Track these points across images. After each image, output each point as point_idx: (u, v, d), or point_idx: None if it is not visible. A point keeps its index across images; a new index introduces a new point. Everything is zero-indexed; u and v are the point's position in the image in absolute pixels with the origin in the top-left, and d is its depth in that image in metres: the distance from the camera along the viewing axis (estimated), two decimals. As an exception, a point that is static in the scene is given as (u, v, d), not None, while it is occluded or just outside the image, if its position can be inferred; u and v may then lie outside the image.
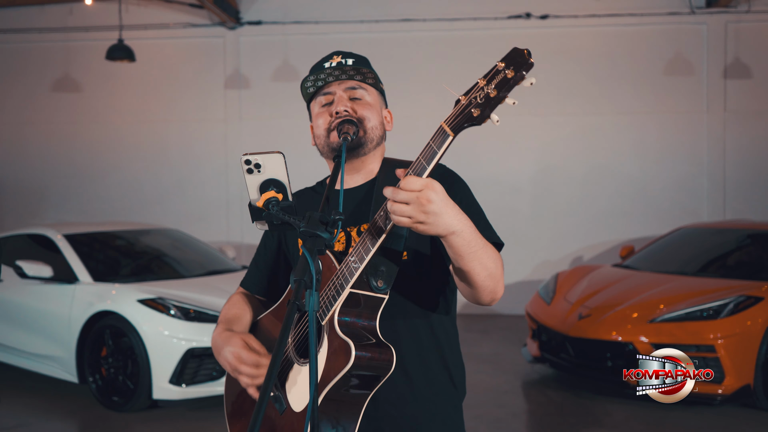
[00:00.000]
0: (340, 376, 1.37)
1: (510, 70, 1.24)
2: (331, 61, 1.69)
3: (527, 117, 8.70)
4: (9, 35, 9.38)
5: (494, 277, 1.43)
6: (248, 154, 1.32)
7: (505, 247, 6.79)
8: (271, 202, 1.31)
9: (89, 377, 5.03)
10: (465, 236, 1.34)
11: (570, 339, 5.15)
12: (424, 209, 1.28)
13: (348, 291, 1.40)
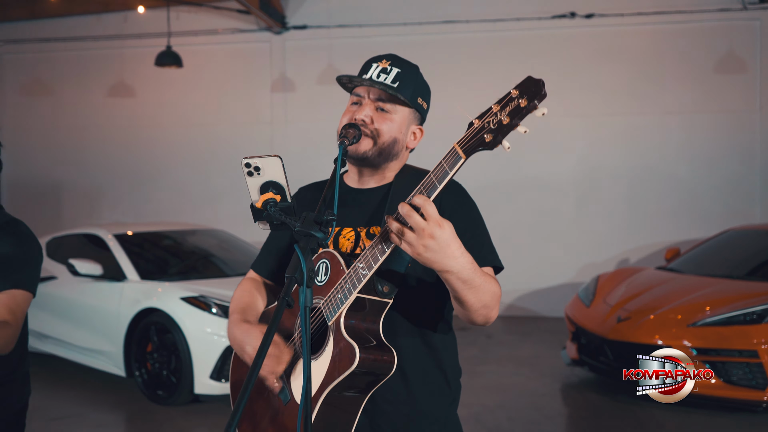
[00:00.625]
0: (343, 377, 1.44)
1: (524, 99, 1.28)
2: (380, 64, 1.70)
3: (571, 118, 8.62)
4: (68, 43, 9.81)
5: (488, 307, 1.49)
6: (248, 157, 1.40)
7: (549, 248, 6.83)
8: (270, 203, 1.38)
9: (136, 371, 5.24)
10: (462, 276, 1.39)
11: (608, 342, 5.09)
12: (424, 243, 1.33)
13: (355, 295, 1.47)
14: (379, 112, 1.66)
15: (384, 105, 1.65)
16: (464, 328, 7.93)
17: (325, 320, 1.51)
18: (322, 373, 1.48)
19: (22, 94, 10.18)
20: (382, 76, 1.64)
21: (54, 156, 10.09)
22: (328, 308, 1.51)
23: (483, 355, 6.69)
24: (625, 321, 5.09)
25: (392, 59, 1.69)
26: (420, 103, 1.71)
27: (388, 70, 1.66)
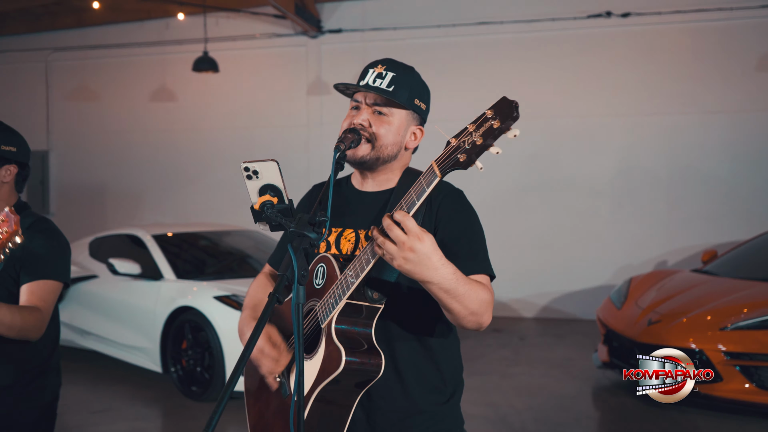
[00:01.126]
0: (330, 379, 1.50)
1: (497, 120, 1.31)
2: (375, 69, 1.73)
3: (608, 118, 8.52)
4: (112, 50, 10.13)
5: (476, 314, 1.51)
6: (246, 162, 1.47)
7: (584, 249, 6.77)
8: (267, 204, 1.45)
9: (171, 368, 5.40)
10: (443, 286, 1.43)
11: (639, 345, 5.03)
12: (405, 255, 1.37)
13: (344, 302, 1.52)
14: (377, 116, 1.70)
15: (381, 109, 1.70)
16: (498, 330, 7.93)
17: (318, 323, 1.58)
18: (314, 372, 1.54)
19: (69, 100, 10.56)
20: (378, 81, 1.69)
21: (99, 159, 10.43)
22: (322, 311, 1.57)
23: (515, 356, 6.67)
24: (657, 324, 5.03)
25: (387, 63, 1.73)
26: (417, 105, 1.75)
27: (384, 75, 1.69)
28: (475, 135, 1.31)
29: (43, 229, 2.17)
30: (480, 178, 8.88)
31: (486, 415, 4.92)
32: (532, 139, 8.77)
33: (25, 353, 2.16)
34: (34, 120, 10.61)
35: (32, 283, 2.09)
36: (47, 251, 2.13)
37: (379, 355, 1.56)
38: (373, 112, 1.70)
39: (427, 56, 9.08)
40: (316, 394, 1.52)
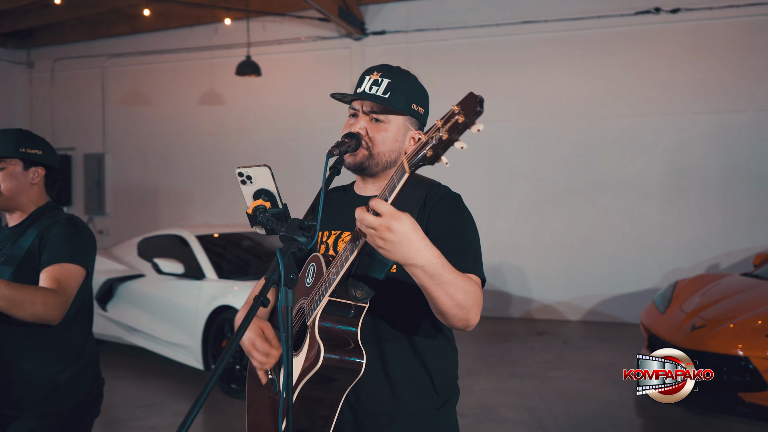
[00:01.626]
0: (310, 375, 1.51)
1: (461, 115, 1.28)
2: (371, 77, 1.73)
3: (657, 116, 8.30)
4: (163, 55, 10.44)
5: (463, 308, 1.47)
6: (240, 167, 1.50)
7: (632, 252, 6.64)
8: (259, 209, 1.48)
9: (212, 365, 5.53)
10: (428, 270, 1.39)
11: (681, 351, 4.88)
12: (382, 236, 1.34)
13: (327, 299, 1.53)
14: (374, 123, 1.71)
15: (377, 116, 1.70)
16: (541, 332, 7.82)
17: (304, 320, 1.60)
18: (299, 369, 1.56)
19: (123, 104, 10.92)
20: (374, 89, 1.69)
21: (151, 161, 10.76)
22: (309, 309, 1.59)
23: (556, 360, 6.57)
24: (700, 329, 4.87)
25: (383, 70, 1.73)
26: (415, 109, 1.73)
27: (380, 82, 1.69)
28: (441, 131, 1.29)
29: (61, 220, 2.24)
30: (524, 178, 8.79)
31: (522, 419, 4.86)
32: (577, 139, 8.62)
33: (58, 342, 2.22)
34: (91, 124, 11.03)
35: (47, 268, 2.12)
36: (63, 237, 2.18)
37: (361, 354, 1.56)
38: (370, 119, 1.71)
39: (471, 57, 9.03)
40: (299, 391, 1.54)
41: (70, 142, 11.17)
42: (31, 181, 2.29)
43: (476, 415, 4.97)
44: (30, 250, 2.17)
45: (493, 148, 8.95)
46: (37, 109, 11.41)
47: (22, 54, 11.34)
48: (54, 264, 2.11)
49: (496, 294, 8.94)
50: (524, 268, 8.84)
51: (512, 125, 8.88)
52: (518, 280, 8.87)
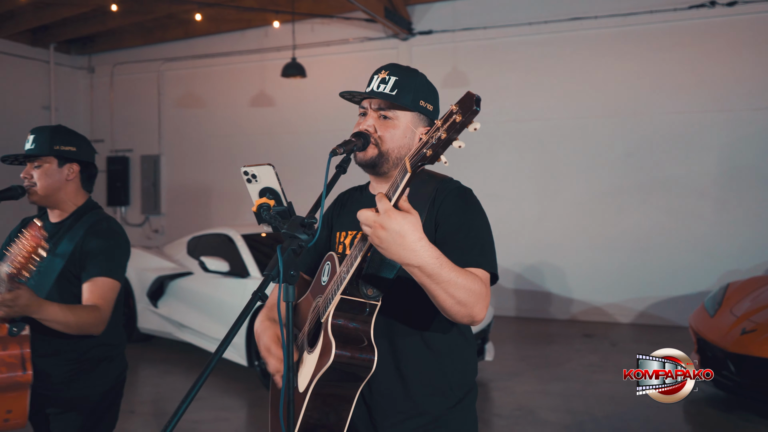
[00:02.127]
0: (322, 372, 1.53)
1: (459, 114, 1.29)
2: (379, 76, 1.77)
3: (712, 113, 8.02)
4: (216, 58, 10.69)
5: (465, 305, 1.47)
6: (245, 166, 1.54)
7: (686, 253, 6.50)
8: (263, 207, 1.51)
9: (255, 361, 5.65)
10: (425, 270, 1.40)
11: (731, 355, 4.73)
12: (377, 234, 1.37)
13: (339, 297, 1.55)
14: (382, 120, 1.73)
15: (386, 113, 1.72)
16: (589, 335, 7.67)
17: (318, 318, 1.63)
18: (313, 365, 1.59)
19: (177, 107, 11.24)
20: (382, 87, 1.71)
21: (204, 162, 11.03)
22: (323, 307, 1.62)
23: (602, 362, 6.43)
24: (751, 333, 4.70)
25: (390, 69, 1.75)
26: (423, 106, 1.74)
27: (387, 80, 1.72)
28: (441, 130, 1.30)
29: (101, 230, 2.35)
30: (574, 177, 8.64)
31: (563, 422, 4.79)
32: (628, 137, 8.42)
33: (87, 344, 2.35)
34: (148, 126, 11.39)
35: (90, 281, 2.26)
36: (104, 251, 2.30)
37: (372, 351, 1.57)
38: (378, 117, 1.73)
39: (519, 55, 8.93)
40: (313, 387, 1.56)
41: (128, 144, 11.57)
42: (66, 177, 2.40)
43: (516, 417, 4.92)
44: (72, 256, 2.28)
45: (540, 147, 8.83)
46: (98, 112, 11.86)
47: (83, 60, 11.81)
48: (97, 278, 2.26)
49: (542, 295, 8.82)
50: (572, 269, 8.68)
51: (560, 124, 8.74)
52: (566, 282, 8.72)
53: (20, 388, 2.22)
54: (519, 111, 8.96)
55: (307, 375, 1.62)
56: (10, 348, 2.19)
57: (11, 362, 2.18)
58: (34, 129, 2.39)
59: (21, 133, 10.59)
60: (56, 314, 2.11)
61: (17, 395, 2.24)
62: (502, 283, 9.00)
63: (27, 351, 2.20)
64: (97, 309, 2.24)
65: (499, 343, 7.06)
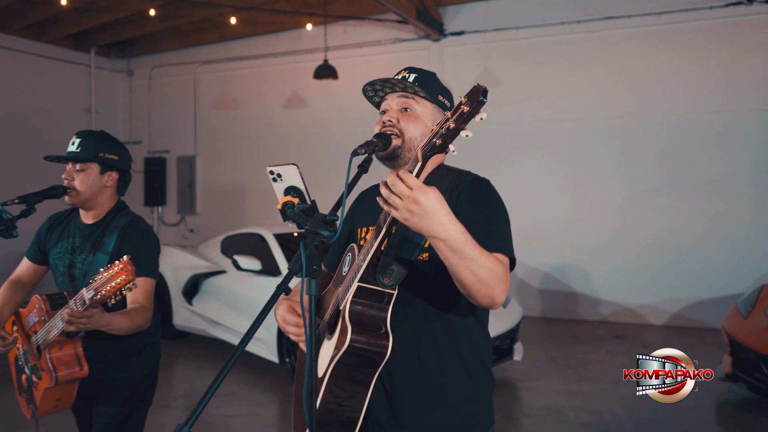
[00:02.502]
0: (339, 356, 1.60)
1: (467, 105, 1.36)
2: (400, 74, 1.86)
3: (748, 113, 7.89)
4: (251, 61, 10.88)
5: (487, 285, 1.51)
6: (271, 165, 1.61)
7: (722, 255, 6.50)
8: (288, 205, 1.58)
9: (286, 358, 5.75)
10: (450, 244, 1.44)
11: (763, 357, 4.67)
12: (409, 208, 1.41)
13: (356, 285, 1.62)
14: (404, 113, 1.80)
15: (407, 104, 1.79)
16: (621, 336, 7.61)
17: (338, 305, 1.70)
18: (331, 349, 1.66)
19: (213, 108, 11.46)
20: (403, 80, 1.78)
21: (239, 162, 11.23)
22: (341, 295, 1.69)
23: (633, 364, 6.35)
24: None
25: (409, 69, 1.84)
26: (442, 101, 1.82)
27: (408, 76, 1.81)
28: (450, 121, 1.37)
29: (136, 231, 2.48)
30: (607, 178, 8.57)
31: (586, 422, 4.78)
32: (663, 137, 8.33)
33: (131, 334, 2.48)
34: (184, 128, 11.64)
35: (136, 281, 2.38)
36: (141, 252, 2.43)
37: (388, 338, 1.62)
38: (400, 110, 1.80)
39: (551, 55, 8.90)
40: (330, 369, 1.63)
41: (165, 145, 11.84)
42: (105, 183, 2.52)
43: (543, 416, 4.93)
44: (112, 257, 2.42)
45: (573, 147, 8.78)
46: (136, 114, 12.15)
47: (122, 63, 12.12)
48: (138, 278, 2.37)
49: (573, 296, 8.77)
50: (604, 270, 8.62)
51: (593, 124, 8.68)
52: (597, 283, 8.66)
53: (74, 381, 2.37)
54: (551, 111, 8.92)
55: (325, 360, 1.69)
56: (65, 348, 2.34)
57: (68, 360, 2.33)
58: (80, 132, 2.51)
59: (63, 134, 10.99)
60: (120, 323, 2.27)
61: (70, 386, 2.39)
62: (533, 283, 8.98)
63: (80, 350, 2.37)
64: (145, 309, 2.39)
65: (529, 344, 7.06)
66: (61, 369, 2.32)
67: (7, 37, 10.21)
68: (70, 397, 2.44)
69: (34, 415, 2.45)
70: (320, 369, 1.71)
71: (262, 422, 4.93)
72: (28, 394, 2.48)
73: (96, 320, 2.16)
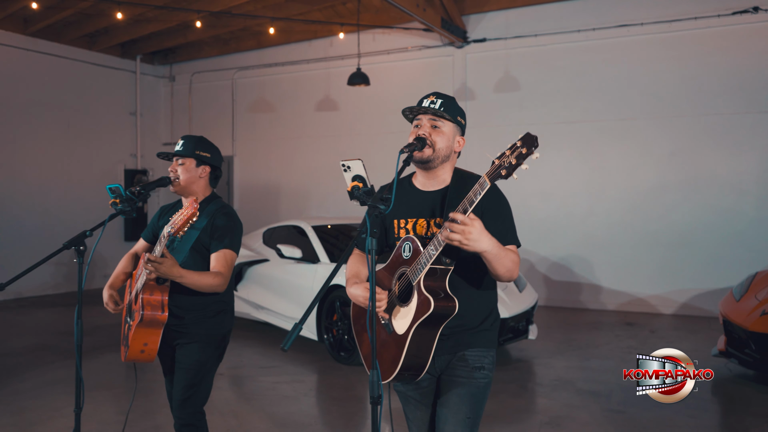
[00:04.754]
0: (423, 319, 2.24)
1: (524, 148, 2.01)
2: (428, 99, 2.49)
3: (753, 114, 8.41)
4: (285, 66, 11.60)
5: (511, 271, 2.25)
6: (342, 160, 2.27)
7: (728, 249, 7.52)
8: (355, 188, 2.24)
9: (324, 336, 6.44)
10: (492, 253, 2.15)
11: (750, 334, 5.24)
12: (466, 238, 2.10)
13: (429, 266, 2.27)
14: (434, 129, 2.45)
15: (436, 123, 2.44)
16: (631, 323, 8.18)
17: (410, 281, 2.34)
18: (411, 315, 2.29)
19: (250, 112, 12.22)
20: (432, 105, 2.43)
21: (273, 162, 11.97)
22: (412, 273, 2.31)
23: (639, 346, 6.97)
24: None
25: (436, 95, 2.46)
26: (459, 120, 2.48)
27: (435, 101, 2.44)
28: (511, 157, 2.02)
29: (225, 213, 3.14)
30: (619, 175, 9.14)
31: (594, 390, 5.39)
32: (673, 137, 8.87)
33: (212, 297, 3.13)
34: (222, 130, 12.41)
35: (217, 252, 3.03)
36: (228, 229, 3.08)
37: (454, 300, 2.29)
38: (431, 126, 2.45)
39: (568, 60, 9.49)
40: (414, 329, 2.27)
41: (205, 145, 12.60)
42: (199, 175, 3.20)
43: (553, 385, 5.55)
44: (202, 233, 3.07)
45: (588, 147, 9.36)
46: (177, 117, 12.96)
47: (165, 69, 12.94)
48: (222, 250, 3.02)
49: (588, 287, 9.34)
50: (617, 262, 9.18)
51: (606, 125, 9.25)
52: (611, 275, 9.23)
53: (157, 326, 2.98)
54: (568, 113, 9.51)
55: (405, 323, 2.32)
56: (155, 294, 2.99)
57: (155, 304, 2.97)
58: (184, 136, 3.22)
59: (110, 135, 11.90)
60: (193, 278, 2.88)
61: (154, 331, 3.00)
62: (551, 275, 9.57)
63: (166, 298, 2.99)
64: (219, 274, 2.99)
65: (543, 328, 7.67)
66: (147, 309, 2.93)
67: (62, 46, 11.07)
68: (154, 345, 3.03)
69: (126, 356, 3.09)
70: (400, 329, 2.33)
71: (306, 387, 5.62)
72: (125, 340, 3.16)
73: (168, 267, 2.77)
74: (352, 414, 4.96)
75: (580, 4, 9.39)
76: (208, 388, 3.14)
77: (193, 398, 3.06)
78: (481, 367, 2.42)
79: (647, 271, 9.04)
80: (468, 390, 2.39)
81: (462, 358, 2.42)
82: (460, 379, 2.41)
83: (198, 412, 3.09)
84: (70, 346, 7.05)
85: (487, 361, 2.44)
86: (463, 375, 2.40)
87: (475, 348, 2.43)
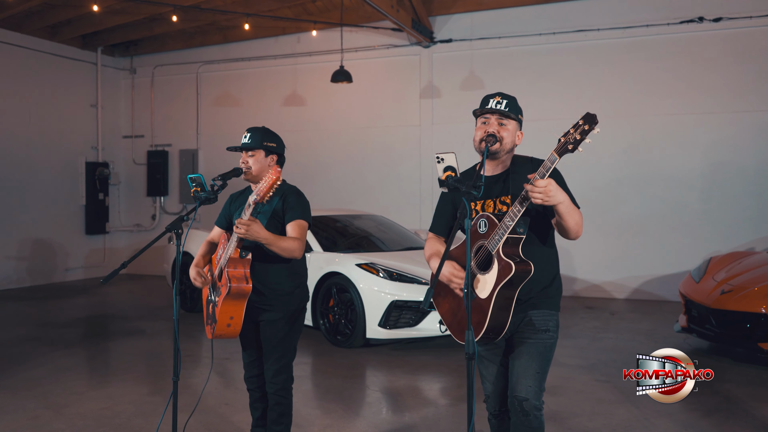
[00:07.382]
0: (505, 282, 2.60)
1: (587, 125, 2.43)
2: (495, 99, 2.89)
3: (697, 115, 9.22)
4: (251, 62, 11.77)
5: (578, 224, 2.65)
6: (437, 153, 2.65)
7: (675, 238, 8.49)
8: (448, 177, 2.63)
9: (320, 321, 6.76)
10: (566, 204, 2.56)
11: (712, 311, 5.91)
12: (548, 195, 2.51)
13: (507, 236, 2.65)
14: (500, 126, 2.86)
15: (503, 121, 2.86)
16: (590, 307, 8.84)
17: (489, 252, 2.73)
18: (493, 281, 2.66)
19: (214, 105, 12.30)
20: (498, 105, 2.84)
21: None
22: (491, 244, 2.69)
23: (604, 326, 7.62)
24: (728, 293, 5.88)
25: (501, 95, 2.87)
26: (520, 118, 2.92)
27: (501, 102, 2.86)
28: (575, 134, 2.44)
29: (294, 192, 3.46)
30: (577, 170, 9.81)
31: (579, 364, 5.95)
32: (625, 136, 9.61)
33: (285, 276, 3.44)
34: (186, 123, 12.45)
35: (292, 222, 3.34)
36: (299, 203, 3.41)
37: (530, 264, 2.67)
38: (498, 124, 2.86)
39: (530, 62, 10.09)
40: (497, 293, 2.64)
41: (167, 139, 12.62)
42: (268, 164, 3.51)
43: (541, 361, 6.09)
44: (276, 209, 3.39)
45: (545, 145, 9.97)
46: (139, 109, 12.89)
47: (126, 61, 12.84)
48: (296, 220, 3.34)
49: (550, 274, 10.00)
50: (575, 251, 9.87)
51: (566, 124, 9.87)
52: (570, 263, 9.91)
53: (241, 298, 3.28)
54: (529, 112, 10.05)
55: (487, 289, 2.69)
56: (239, 267, 3.29)
57: (239, 276, 3.27)
58: (249, 128, 3.51)
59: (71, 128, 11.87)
60: (276, 241, 3.17)
61: (238, 304, 3.30)
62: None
63: (248, 271, 3.30)
64: (298, 240, 3.29)
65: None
66: (234, 281, 3.23)
67: (23, 36, 10.87)
68: (238, 319, 3.35)
69: (213, 333, 3.39)
70: (483, 293, 2.70)
71: (310, 370, 5.94)
72: (211, 318, 3.44)
73: (256, 229, 3.07)
74: (364, 387, 5.32)
75: (542, 9, 10.01)
76: (293, 356, 3.48)
77: (285, 367, 3.40)
78: (547, 330, 2.84)
79: (602, 259, 9.76)
80: (536, 348, 2.82)
81: (529, 323, 2.83)
82: (529, 339, 2.83)
83: (290, 377, 3.43)
84: (58, 336, 7.11)
85: (552, 324, 2.86)
86: (531, 336, 2.83)
87: (541, 309, 2.83)
